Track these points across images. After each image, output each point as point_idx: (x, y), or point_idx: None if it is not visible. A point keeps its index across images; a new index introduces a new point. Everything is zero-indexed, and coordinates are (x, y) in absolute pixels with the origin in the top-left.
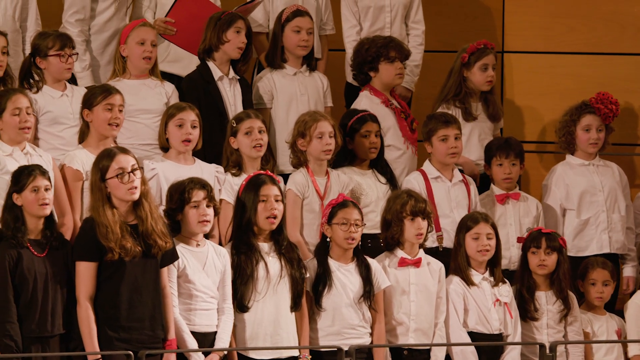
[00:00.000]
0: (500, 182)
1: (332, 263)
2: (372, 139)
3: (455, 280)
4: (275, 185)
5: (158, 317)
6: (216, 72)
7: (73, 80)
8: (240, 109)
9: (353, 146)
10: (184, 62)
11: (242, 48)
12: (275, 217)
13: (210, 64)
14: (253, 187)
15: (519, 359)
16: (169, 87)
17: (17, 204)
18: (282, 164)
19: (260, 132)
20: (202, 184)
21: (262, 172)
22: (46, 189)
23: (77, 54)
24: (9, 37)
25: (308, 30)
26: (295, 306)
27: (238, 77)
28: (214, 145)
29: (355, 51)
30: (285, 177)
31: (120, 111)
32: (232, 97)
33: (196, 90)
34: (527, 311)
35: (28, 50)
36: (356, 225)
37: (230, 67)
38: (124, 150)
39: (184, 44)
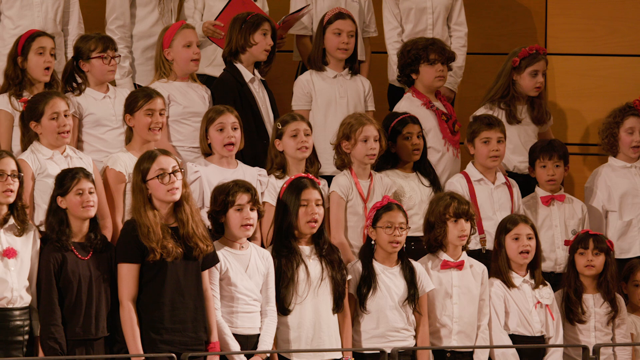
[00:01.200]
0: (544, 184)
1: (377, 266)
2: (414, 141)
3: (496, 283)
4: (316, 189)
5: (200, 319)
6: (247, 74)
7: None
8: (270, 110)
9: (396, 149)
10: None
11: (268, 50)
12: (315, 222)
13: (239, 66)
14: (294, 190)
15: None
16: (208, 91)
17: (61, 207)
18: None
19: (306, 134)
20: (247, 188)
21: (303, 175)
22: (90, 192)
23: (120, 55)
24: None
25: (349, 33)
26: (337, 308)
27: (262, 79)
28: (251, 147)
29: (399, 53)
30: (325, 178)
31: (162, 115)
32: (262, 98)
33: (231, 93)
34: (574, 314)
35: (70, 54)
36: (401, 228)
37: (255, 69)
38: (165, 152)
39: None
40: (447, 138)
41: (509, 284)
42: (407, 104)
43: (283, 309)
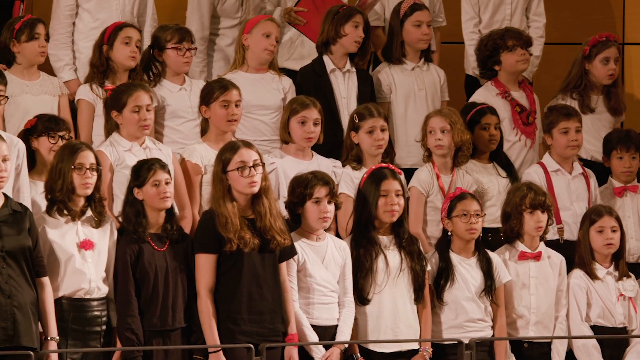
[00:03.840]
0: (619, 175)
1: (454, 257)
2: (492, 131)
3: (579, 274)
4: (396, 179)
5: (278, 310)
6: (329, 65)
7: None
8: (353, 102)
9: (473, 139)
10: (310, 60)
11: (359, 42)
12: (395, 212)
13: (326, 58)
14: (374, 181)
15: None
16: (287, 82)
17: (138, 199)
18: (399, 157)
19: (382, 130)
20: (325, 181)
21: (384, 165)
22: (166, 183)
23: (196, 48)
24: None
25: (428, 23)
26: (417, 299)
27: (354, 70)
28: (325, 137)
29: (477, 49)
30: (404, 170)
31: (237, 106)
32: (345, 90)
33: (308, 84)
34: None
35: (145, 46)
36: (477, 215)
37: (348, 60)
38: (248, 145)
39: (312, 34)
40: (518, 128)
41: (592, 275)
42: (484, 93)
43: (362, 298)
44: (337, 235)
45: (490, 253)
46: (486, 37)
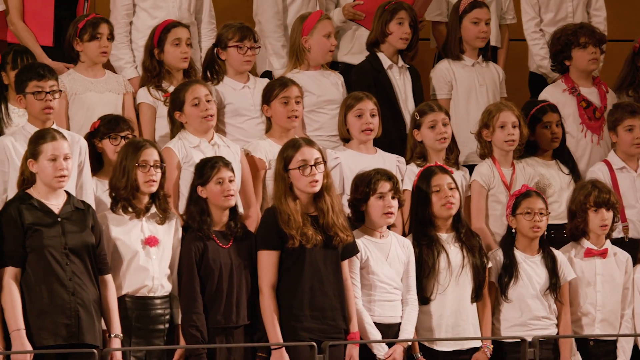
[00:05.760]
0: None
1: (518, 254)
2: (554, 129)
3: None
4: (446, 174)
5: (339, 308)
6: (385, 61)
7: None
8: (410, 97)
9: (535, 137)
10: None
11: (406, 39)
12: (451, 204)
13: (380, 54)
14: (425, 179)
15: None
16: (341, 77)
17: (202, 197)
18: (462, 154)
19: (444, 124)
20: (389, 176)
21: (432, 165)
22: (230, 180)
23: (259, 47)
24: None
25: (486, 21)
26: (476, 297)
27: (407, 66)
28: (386, 133)
29: (550, 42)
30: (469, 167)
31: (298, 103)
32: (402, 85)
33: (366, 80)
34: None
35: (203, 43)
36: (541, 214)
37: (399, 56)
38: (310, 142)
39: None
40: (584, 124)
41: None
42: (551, 90)
43: (424, 298)
44: (402, 232)
45: (554, 251)
46: (560, 31)
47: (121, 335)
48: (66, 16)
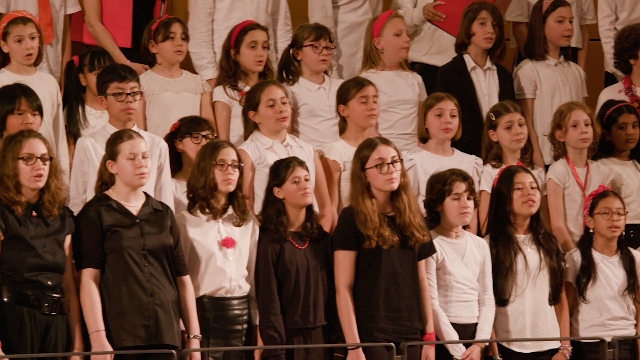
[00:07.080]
0: None
1: (596, 255)
2: (629, 131)
3: None
4: (528, 173)
5: (415, 308)
6: (470, 63)
7: None
8: (495, 99)
9: (611, 137)
10: (448, 54)
11: (490, 38)
12: (532, 202)
13: (466, 56)
14: (507, 177)
15: None
16: (418, 78)
17: (278, 198)
18: (546, 154)
19: (520, 125)
20: (464, 176)
21: (512, 164)
22: (306, 179)
23: (335, 47)
24: None
25: (570, 19)
26: (553, 300)
27: (495, 68)
28: (465, 134)
29: (617, 39)
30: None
31: (375, 102)
32: (486, 87)
33: (448, 82)
34: None
35: (279, 44)
36: (618, 214)
37: (488, 57)
38: (386, 141)
39: (453, 29)
40: None
41: None
42: (609, 90)
43: (502, 300)
44: (478, 233)
45: (633, 251)
46: (628, 29)
47: (200, 336)
48: (144, 17)
